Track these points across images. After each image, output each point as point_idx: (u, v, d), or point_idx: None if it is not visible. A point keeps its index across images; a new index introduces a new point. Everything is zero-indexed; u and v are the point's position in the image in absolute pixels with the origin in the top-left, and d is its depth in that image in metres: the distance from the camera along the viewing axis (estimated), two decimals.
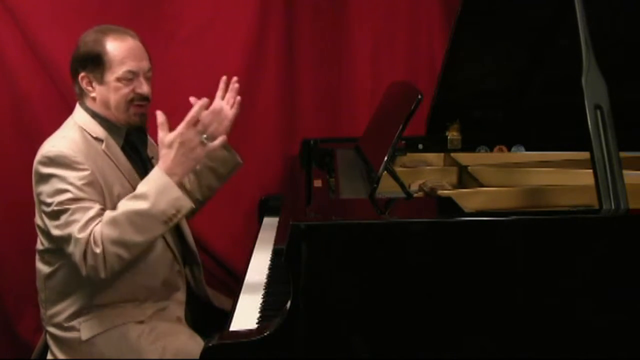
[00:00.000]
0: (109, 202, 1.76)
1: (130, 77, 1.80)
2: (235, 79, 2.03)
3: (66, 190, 1.69)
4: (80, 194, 1.69)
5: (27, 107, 2.57)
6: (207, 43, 2.68)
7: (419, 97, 1.67)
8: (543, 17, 2.02)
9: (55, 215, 1.70)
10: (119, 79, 1.79)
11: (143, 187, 1.70)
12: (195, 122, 1.69)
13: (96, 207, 1.69)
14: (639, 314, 1.40)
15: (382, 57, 2.82)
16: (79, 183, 1.70)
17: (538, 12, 2.01)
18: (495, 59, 2.15)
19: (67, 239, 1.68)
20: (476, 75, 2.23)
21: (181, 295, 1.95)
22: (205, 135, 1.71)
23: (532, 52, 2.14)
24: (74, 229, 1.66)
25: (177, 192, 1.69)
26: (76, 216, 1.67)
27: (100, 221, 1.67)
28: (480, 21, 2.02)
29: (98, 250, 1.64)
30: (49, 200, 1.71)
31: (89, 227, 1.65)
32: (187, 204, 1.72)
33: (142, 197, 1.67)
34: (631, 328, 1.41)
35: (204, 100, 1.70)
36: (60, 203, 1.68)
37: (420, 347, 1.40)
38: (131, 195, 1.70)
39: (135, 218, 1.66)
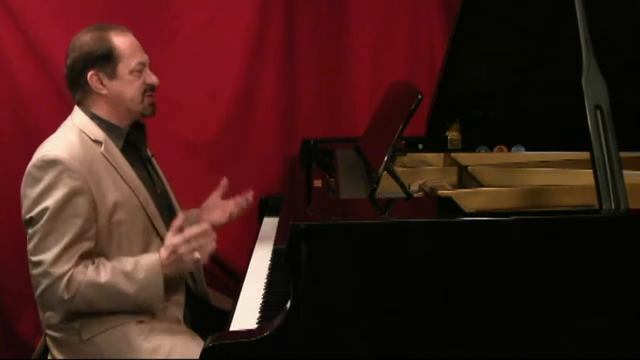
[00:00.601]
0: (101, 209, 1.75)
1: (140, 69, 1.84)
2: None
3: (48, 200, 1.70)
4: (60, 212, 1.69)
5: (27, 107, 2.57)
6: (207, 43, 2.68)
7: (419, 97, 1.67)
8: (543, 16, 2.02)
9: (29, 224, 1.73)
10: (131, 71, 1.82)
11: (140, 271, 1.72)
12: (178, 230, 1.74)
13: (67, 236, 1.69)
14: (639, 314, 1.40)
15: (382, 57, 2.83)
16: (64, 195, 1.70)
17: (538, 11, 2.01)
18: (495, 58, 2.15)
19: (35, 264, 1.71)
20: (476, 75, 2.23)
21: (180, 297, 1.94)
22: (196, 256, 1.74)
23: (532, 52, 2.14)
24: (46, 258, 1.68)
25: (160, 291, 1.74)
26: (48, 242, 1.69)
27: (79, 262, 1.70)
28: (480, 21, 2.02)
29: (66, 297, 1.69)
30: (30, 205, 1.72)
31: (60, 263, 1.68)
32: (160, 304, 1.79)
33: (132, 279, 1.72)
34: (631, 328, 1.41)
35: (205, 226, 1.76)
36: (37, 216, 1.70)
37: (421, 347, 1.40)
38: (128, 269, 1.72)
39: (117, 295, 1.72)
